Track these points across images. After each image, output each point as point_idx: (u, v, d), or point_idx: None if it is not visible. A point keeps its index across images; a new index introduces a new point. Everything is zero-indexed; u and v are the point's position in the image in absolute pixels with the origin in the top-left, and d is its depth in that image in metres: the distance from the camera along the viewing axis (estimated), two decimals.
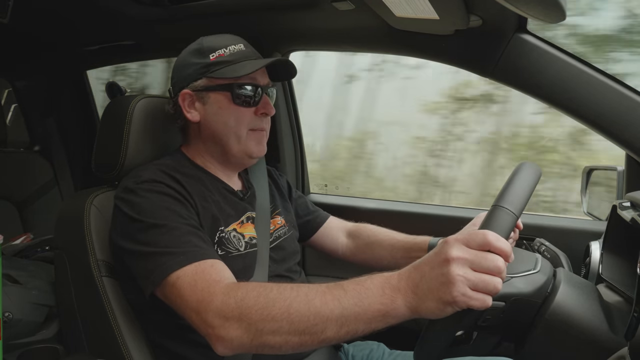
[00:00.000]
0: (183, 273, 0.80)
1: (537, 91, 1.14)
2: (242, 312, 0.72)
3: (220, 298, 0.74)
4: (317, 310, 0.69)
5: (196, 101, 1.01)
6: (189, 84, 1.00)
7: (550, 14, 0.89)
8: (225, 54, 1.00)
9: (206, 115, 1.01)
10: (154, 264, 0.82)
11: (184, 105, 1.01)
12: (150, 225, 0.85)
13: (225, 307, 0.73)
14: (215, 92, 1.00)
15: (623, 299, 0.92)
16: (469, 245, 0.64)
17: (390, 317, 0.67)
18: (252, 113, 1.01)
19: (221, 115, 1.00)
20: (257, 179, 1.16)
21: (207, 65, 0.99)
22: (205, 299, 0.76)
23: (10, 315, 1.14)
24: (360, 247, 1.26)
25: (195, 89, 1.00)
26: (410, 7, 1.00)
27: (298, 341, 0.70)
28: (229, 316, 0.72)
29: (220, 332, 0.73)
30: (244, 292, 0.74)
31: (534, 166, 0.75)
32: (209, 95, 1.00)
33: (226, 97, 0.99)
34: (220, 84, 0.99)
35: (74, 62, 1.96)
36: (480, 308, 0.63)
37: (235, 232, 0.99)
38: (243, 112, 1.00)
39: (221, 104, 1.00)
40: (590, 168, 1.38)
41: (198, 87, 1.00)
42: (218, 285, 0.77)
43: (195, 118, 1.01)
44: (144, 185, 0.90)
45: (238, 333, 0.72)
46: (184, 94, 1.01)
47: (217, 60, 0.99)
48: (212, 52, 1.00)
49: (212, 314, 0.74)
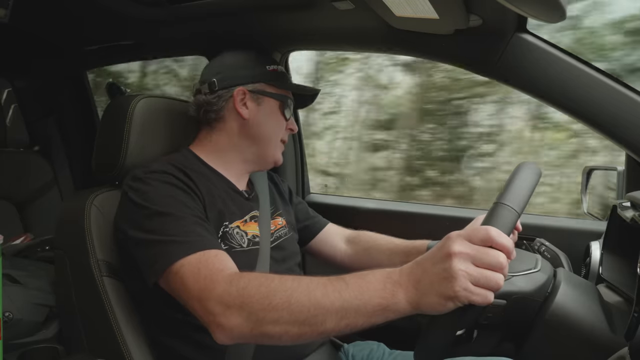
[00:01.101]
0: (187, 261, 0.80)
1: (537, 91, 1.14)
2: (243, 301, 0.72)
3: (223, 286, 0.75)
4: (317, 301, 0.69)
5: (249, 100, 1.08)
6: (246, 84, 1.08)
7: (550, 13, 0.89)
8: (279, 69, 1.13)
9: (257, 115, 1.08)
10: (158, 252, 0.83)
11: (238, 100, 1.06)
12: (156, 213, 0.86)
13: (227, 295, 0.74)
14: (270, 98, 1.10)
15: (623, 299, 0.92)
16: (471, 240, 0.64)
17: (391, 312, 0.67)
18: (284, 126, 1.13)
19: (270, 120, 1.10)
20: (258, 181, 1.18)
21: (265, 73, 1.10)
22: (207, 287, 0.76)
23: (10, 315, 1.14)
24: (358, 253, 1.27)
25: (253, 90, 1.08)
26: (410, 7, 1.00)
27: (298, 332, 0.71)
28: (231, 304, 0.73)
29: (221, 319, 0.73)
30: (246, 281, 0.74)
31: (534, 166, 0.76)
32: (264, 99, 1.09)
33: (277, 105, 1.11)
34: (276, 93, 1.10)
35: (74, 62, 1.96)
36: (481, 304, 0.63)
37: (238, 229, 1.00)
38: (282, 122, 1.12)
39: (273, 109, 1.10)
40: (591, 168, 1.39)
41: (256, 88, 1.08)
42: (221, 274, 0.78)
43: (246, 115, 1.07)
44: (153, 175, 0.92)
45: (238, 321, 0.72)
46: (241, 90, 1.07)
47: (273, 72, 1.11)
48: (269, 64, 1.12)
49: (214, 301, 0.74)
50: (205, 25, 1.40)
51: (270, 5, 1.29)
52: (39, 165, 2.00)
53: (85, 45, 1.80)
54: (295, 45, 1.52)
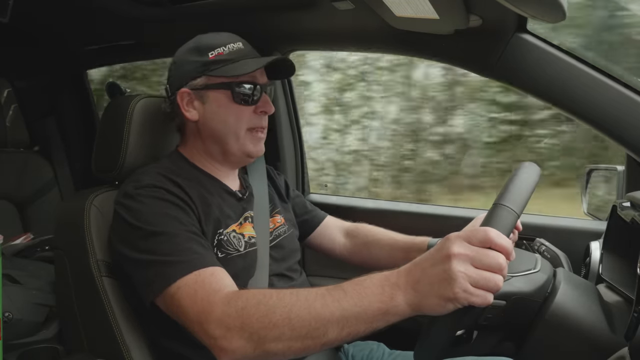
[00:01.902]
0: (183, 283, 0.79)
1: (537, 91, 1.14)
2: (243, 321, 0.71)
3: (221, 308, 0.74)
4: (317, 313, 0.69)
5: (195, 100, 1.00)
6: (188, 83, 0.99)
7: (550, 13, 0.89)
8: (225, 52, 0.99)
9: (205, 114, 1.00)
10: (153, 274, 0.82)
11: (183, 104, 1.00)
12: (149, 233, 0.84)
13: (227, 317, 0.73)
14: (215, 91, 0.99)
15: (623, 299, 0.92)
16: (470, 241, 0.64)
17: (391, 315, 0.67)
18: (251, 112, 1.01)
19: (220, 114, 1.00)
20: (256, 178, 1.15)
21: (206, 64, 0.98)
22: (205, 310, 0.75)
23: (10, 315, 1.14)
24: (357, 247, 1.26)
25: (194, 88, 0.99)
26: (410, 7, 1.00)
27: (301, 346, 0.70)
28: (231, 326, 0.72)
29: (223, 343, 0.72)
30: (244, 300, 0.74)
31: (534, 167, 0.76)
32: (208, 94, 0.99)
33: (226, 96, 0.99)
34: (220, 83, 0.98)
35: (74, 62, 1.96)
36: (481, 305, 0.63)
37: (234, 233, 0.99)
38: (243, 110, 1.00)
39: (221, 102, 0.99)
40: (591, 168, 1.39)
41: (197, 85, 0.99)
42: (218, 295, 0.76)
43: (194, 117, 1.00)
44: (143, 190, 0.89)
45: (241, 343, 0.71)
46: (183, 93, 0.99)
47: (217, 58, 0.98)
48: (211, 51, 0.99)
49: (214, 324, 0.73)
50: (205, 26, 1.40)
51: (270, 6, 1.29)
52: (39, 165, 2.00)
53: (85, 45, 1.80)
54: (295, 45, 1.52)
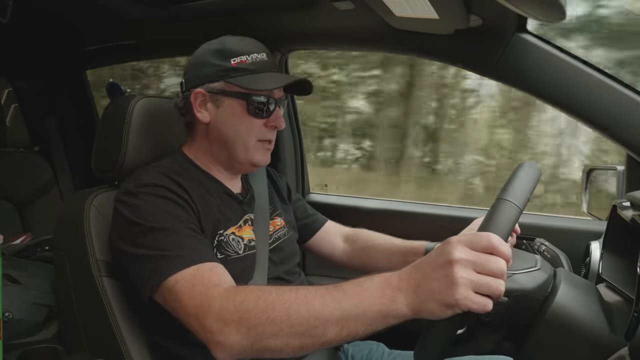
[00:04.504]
0: (181, 277, 0.79)
1: (537, 91, 1.14)
2: (241, 317, 0.71)
3: (219, 302, 0.74)
4: (316, 312, 0.68)
5: (209, 102, 1.00)
6: (204, 84, 0.99)
7: (550, 13, 0.89)
8: (247, 61, 0.99)
9: (217, 118, 1.00)
10: (152, 268, 0.82)
11: (196, 104, 1.00)
12: (149, 229, 0.84)
13: (225, 312, 0.73)
14: (230, 98, 0.99)
15: (623, 299, 0.92)
16: (472, 247, 0.63)
17: (391, 318, 0.66)
18: (262, 124, 1.01)
19: (233, 122, 1.00)
20: (256, 180, 1.16)
21: (226, 70, 0.98)
22: (203, 304, 0.75)
23: (10, 315, 1.14)
24: (356, 251, 1.26)
25: (210, 90, 0.99)
26: (410, 7, 1.00)
27: (298, 344, 0.70)
28: (228, 320, 0.72)
29: (220, 337, 0.72)
30: (243, 296, 0.73)
31: (534, 166, 0.76)
32: (223, 99, 0.99)
33: (241, 105, 0.99)
34: (237, 92, 0.98)
35: (74, 62, 1.96)
36: (480, 312, 0.62)
37: (234, 236, 0.99)
38: (255, 122, 1.00)
39: (235, 110, 0.99)
40: (591, 168, 1.39)
41: (213, 89, 0.99)
42: (216, 290, 0.76)
43: (205, 119, 1.00)
44: (144, 188, 0.90)
45: (238, 338, 0.71)
46: (197, 93, 0.99)
47: (238, 66, 0.98)
48: (234, 57, 0.99)
49: (211, 319, 0.73)
50: (206, 26, 1.40)
51: (270, 6, 1.29)
52: (39, 165, 2.00)
53: (85, 45, 1.80)
54: (295, 45, 1.52)
